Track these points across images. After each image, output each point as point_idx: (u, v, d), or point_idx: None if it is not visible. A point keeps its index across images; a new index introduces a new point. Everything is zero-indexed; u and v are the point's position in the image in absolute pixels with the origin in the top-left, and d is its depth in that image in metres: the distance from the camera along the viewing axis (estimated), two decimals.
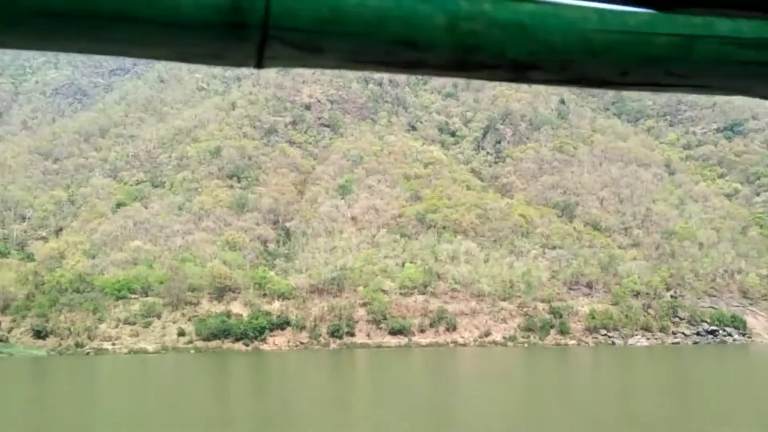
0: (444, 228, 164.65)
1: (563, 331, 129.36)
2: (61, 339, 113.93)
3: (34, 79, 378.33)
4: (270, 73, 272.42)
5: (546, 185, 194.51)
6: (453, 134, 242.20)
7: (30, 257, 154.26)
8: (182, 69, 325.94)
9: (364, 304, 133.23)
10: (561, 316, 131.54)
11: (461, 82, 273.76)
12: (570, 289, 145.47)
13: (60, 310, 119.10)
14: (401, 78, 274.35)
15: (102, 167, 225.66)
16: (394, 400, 55.20)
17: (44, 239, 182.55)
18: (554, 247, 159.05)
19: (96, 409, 49.94)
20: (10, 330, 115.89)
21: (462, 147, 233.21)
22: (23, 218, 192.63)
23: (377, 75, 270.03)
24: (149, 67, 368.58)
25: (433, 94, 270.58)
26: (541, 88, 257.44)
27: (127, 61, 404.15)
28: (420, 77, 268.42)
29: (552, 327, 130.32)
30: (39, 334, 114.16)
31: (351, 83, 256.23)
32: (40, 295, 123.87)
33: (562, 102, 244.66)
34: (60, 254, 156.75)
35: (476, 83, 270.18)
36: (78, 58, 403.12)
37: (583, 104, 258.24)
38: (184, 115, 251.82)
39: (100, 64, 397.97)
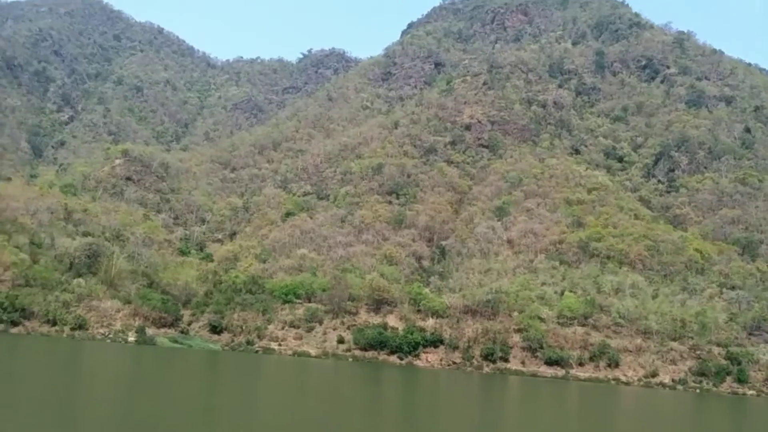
0: (608, 258, 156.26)
1: (741, 380, 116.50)
2: (234, 335, 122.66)
3: (218, 94, 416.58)
4: (432, 94, 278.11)
5: (725, 219, 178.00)
6: (620, 159, 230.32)
7: (209, 257, 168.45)
8: (349, 89, 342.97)
9: (519, 330, 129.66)
10: (739, 363, 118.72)
11: (632, 105, 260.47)
12: (750, 334, 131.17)
13: (234, 309, 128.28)
14: (566, 100, 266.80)
15: (273, 178, 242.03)
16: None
17: (220, 242, 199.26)
18: (733, 287, 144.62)
19: (257, 401, 52.82)
20: (189, 323, 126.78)
21: (630, 173, 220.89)
22: (203, 221, 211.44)
23: (541, 97, 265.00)
24: (319, 86, 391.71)
25: (600, 117, 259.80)
26: (722, 114, 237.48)
27: (299, 80, 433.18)
28: (587, 100, 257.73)
29: (728, 373, 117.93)
30: (215, 330, 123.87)
31: (513, 105, 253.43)
32: (217, 293, 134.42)
33: (748, 130, 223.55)
34: (235, 256, 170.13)
35: (649, 107, 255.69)
36: (256, 77, 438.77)
37: None
38: (349, 132, 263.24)
39: (275, 82, 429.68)
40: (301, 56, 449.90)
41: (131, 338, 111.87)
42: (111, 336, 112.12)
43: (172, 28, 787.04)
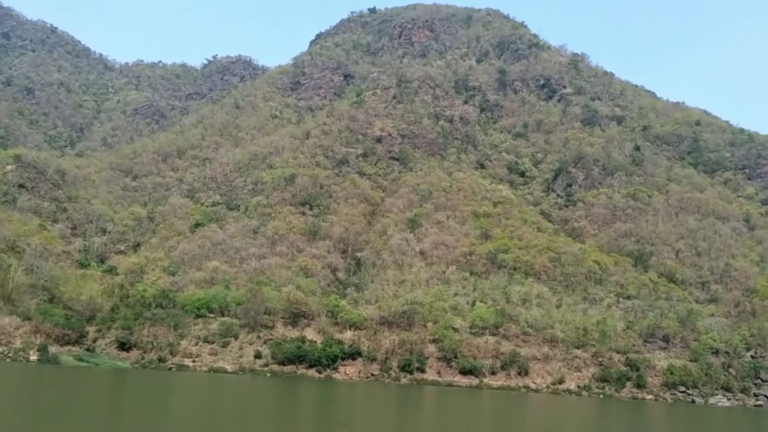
0: (515, 269, 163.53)
1: (640, 385, 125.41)
2: (144, 352, 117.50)
3: (116, 98, 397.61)
4: (343, 105, 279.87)
5: (619, 232, 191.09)
6: (522, 174, 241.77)
7: (112, 270, 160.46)
8: (257, 97, 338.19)
9: (434, 341, 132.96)
10: (638, 369, 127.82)
11: (532, 122, 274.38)
12: (646, 341, 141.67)
13: (143, 324, 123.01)
14: (472, 116, 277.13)
15: (179, 187, 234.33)
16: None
17: (123, 253, 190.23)
18: (629, 297, 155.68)
19: (167, 419, 51.58)
20: (95, 340, 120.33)
21: (531, 188, 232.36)
22: (104, 231, 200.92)
23: (448, 112, 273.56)
24: (225, 93, 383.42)
25: (503, 133, 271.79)
26: (614, 133, 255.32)
27: (204, 87, 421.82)
28: (491, 117, 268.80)
29: (628, 379, 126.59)
30: (123, 346, 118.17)
31: (422, 119, 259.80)
32: (125, 308, 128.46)
33: (637, 149, 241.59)
34: (141, 269, 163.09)
35: (548, 124, 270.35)
36: (158, 81, 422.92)
37: (658, 152, 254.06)
38: (259, 141, 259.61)
39: (178, 87, 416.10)
40: (206, 62, 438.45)
41: (33, 357, 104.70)
42: (11, 355, 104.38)
43: (66, 27, 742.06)
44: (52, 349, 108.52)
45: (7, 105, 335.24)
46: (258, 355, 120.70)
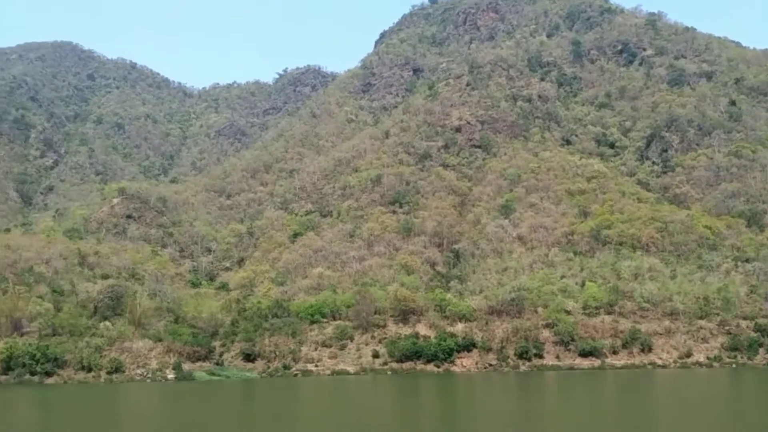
0: (621, 244, 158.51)
1: None
2: (269, 361, 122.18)
3: (199, 123, 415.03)
4: (417, 100, 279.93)
5: (726, 193, 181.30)
6: (612, 145, 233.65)
7: (224, 287, 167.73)
8: (331, 103, 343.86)
9: (548, 325, 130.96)
10: None
11: (614, 90, 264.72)
12: None
13: (263, 335, 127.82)
14: (550, 92, 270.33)
15: (271, 200, 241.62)
16: (587, 420, 54.08)
17: (229, 269, 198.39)
18: (747, 260, 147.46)
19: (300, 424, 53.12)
20: (221, 354, 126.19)
21: (624, 158, 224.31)
22: (209, 251, 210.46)
23: (525, 91, 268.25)
24: (300, 104, 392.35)
25: (585, 106, 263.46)
26: (705, 90, 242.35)
27: (278, 100, 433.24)
28: (570, 91, 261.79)
29: (760, 345, 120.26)
30: (248, 357, 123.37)
31: (499, 102, 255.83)
32: (243, 321, 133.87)
33: (733, 103, 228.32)
34: (250, 282, 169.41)
35: (632, 90, 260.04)
36: (235, 101, 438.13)
37: (755, 104, 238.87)
38: (341, 147, 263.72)
39: (254, 105, 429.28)
40: (278, 76, 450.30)
41: (170, 375, 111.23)
42: (150, 376, 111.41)
43: (144, 61, 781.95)
44: (185, 366, 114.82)
45: (101, 142, 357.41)
46: (376, 355, 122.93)
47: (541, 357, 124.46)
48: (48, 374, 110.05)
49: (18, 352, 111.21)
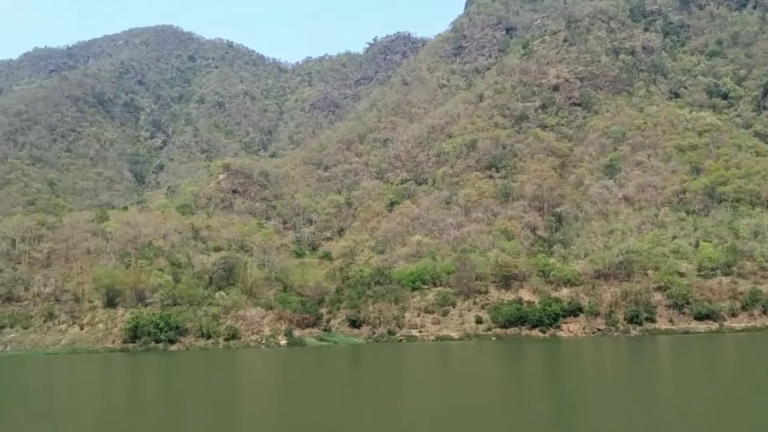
0: (738, 201, 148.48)
1: None
2: (373, 327, 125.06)
3: (294, 97, 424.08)
4: (512, 60, 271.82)
5: None
6: (725, 96, 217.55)
7: (327, 256, 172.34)
8: (422, 70, 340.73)
9: (659, 288, 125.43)
10: None
11: (726, 37, 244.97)
12: None
13: (366, 302, 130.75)
14: (655, 43, 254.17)
15: (367, 171, 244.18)
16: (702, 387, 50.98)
17: (330, 239, 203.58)
18: None
19: (413, 386, 53.19)
20: (328, 321, 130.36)
21: (739, 109, 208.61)
22: (310, 222, 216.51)
23: (628, 44, 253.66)
24: (391, 73, 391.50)
25: (695, 55, 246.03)
26: None
27: (369, 70, 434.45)
28: (677, 40, 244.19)
29: None
30: (354, 324, 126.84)
31: (600, 57, 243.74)
32: (347, 288, 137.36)
33: None
34: (351, 251, 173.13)
35: (746, 36, 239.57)
36: (327, 74, 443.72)
37: None
38: (434, 113, 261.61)
39: (346, 76, 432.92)
40: (368, 46, 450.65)
41: (282, 342, 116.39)
42: (263, 342, 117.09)
43: (240, 40, 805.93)
44: (296, 332, 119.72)
45: (204, 121, 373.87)
46: (479, 321, 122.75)
47: (653, 321, 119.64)
48: (171, 341, 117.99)
49: (143, 321, 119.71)
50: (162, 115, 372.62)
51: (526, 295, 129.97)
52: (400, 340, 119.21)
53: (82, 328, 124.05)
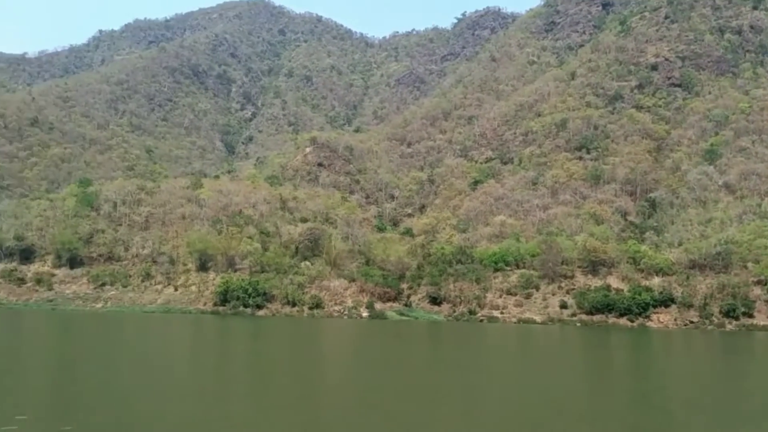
0: None
1: None
2: (454, 306, 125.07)
3: (379, 72, 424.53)
4: (608, 37, 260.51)
5: None
6: None
7: (408, 232, 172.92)
8: (512, 46, 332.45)
9: (759, 282, 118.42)
10: None
11: None
12: None
13: (447, 280, 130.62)
14: (765, 22, 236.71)
15: (451, 148, 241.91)
16: None
17: (411, 216, 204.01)
18: None
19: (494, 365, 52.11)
20: (408, 296, 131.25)
21: None
22: (392, 197, 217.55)
23: (735, 22, 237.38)
24: (479, 49, 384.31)
25: None
26: None
27: (456, 46, 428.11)
28: None
29: None
30: (434, 301, 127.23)
31: (703, 36, 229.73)
32: (428, 265, 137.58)
33: None
34: (432, 229, 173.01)
35: None
36: (414, 49, 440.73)
37: None
38: (522, 90, 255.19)
39: (433, 51, 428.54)
40: (455, 21, 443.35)
41: (364, 314, 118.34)
42: (346, 313, 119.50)
43: (329, 14, 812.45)
44: (377, 305, 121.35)
45: (292, 94, 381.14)
46: (564, 305, 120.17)
47: (750, 316, 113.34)
48: (258, 307, 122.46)
49: (233, 286, 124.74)
50: (252, 87, 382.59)
51: (614, 282, 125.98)
52: (481, 320, 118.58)
53: (176, 289, 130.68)
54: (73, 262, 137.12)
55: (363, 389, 37.75)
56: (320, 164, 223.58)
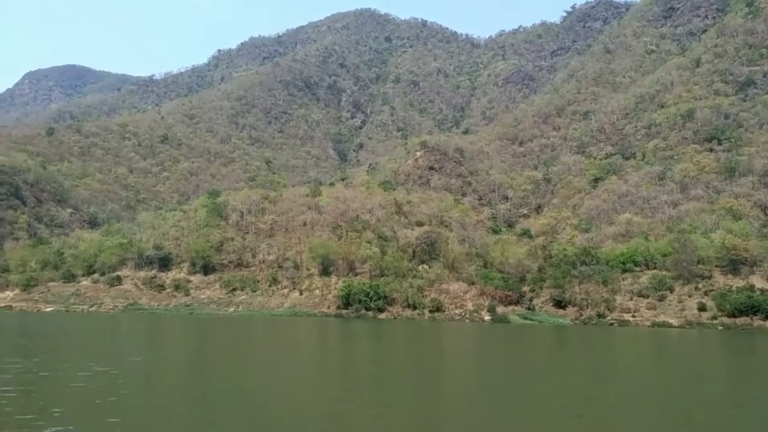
0: None
1: None
2: (580, 309, 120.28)
3: (486, 72, 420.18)
4: (735, 20, 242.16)
5: None
6: None
7: (526, 233, 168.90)
8: (627, 36, 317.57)
9: None
10: None
11: None
12: None
13: (572, 282, 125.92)
14: None
15: (566, 145, 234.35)
16: None
17: (526, 216, 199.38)
18: None
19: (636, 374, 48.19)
20: (531, 299, 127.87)
21: None
22: (506, 198, 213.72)
23: None
24: (590, 41, 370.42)
25: None
26: None
27: (566, 40, 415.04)
28: None
29: None
30: (559, 304, 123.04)
31: None
32: (550, 267, 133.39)
33: None
34: (552, 229, 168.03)
35: None
36: (521, 46, 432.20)
37: None
38: (641, 82, 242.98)
39: (542, 47, 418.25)
40: (565, 14, 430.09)
41: (486, 317, 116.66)
42: (468, 316, 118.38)
43: (434, 18, 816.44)
44: (499, 309, 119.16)
45: (400, 100, 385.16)
46: (702, 308, 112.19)
47: None
48: (380, 310, 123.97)
49: (354, 289, 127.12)
50: (361, 95, 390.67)
51: (758, 281, 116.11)
52: (611, 324, 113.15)
53: (301, 293, 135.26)
54: (207, 269, 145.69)
55: (491, 393, 36.80)
56: (431, 168, 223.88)
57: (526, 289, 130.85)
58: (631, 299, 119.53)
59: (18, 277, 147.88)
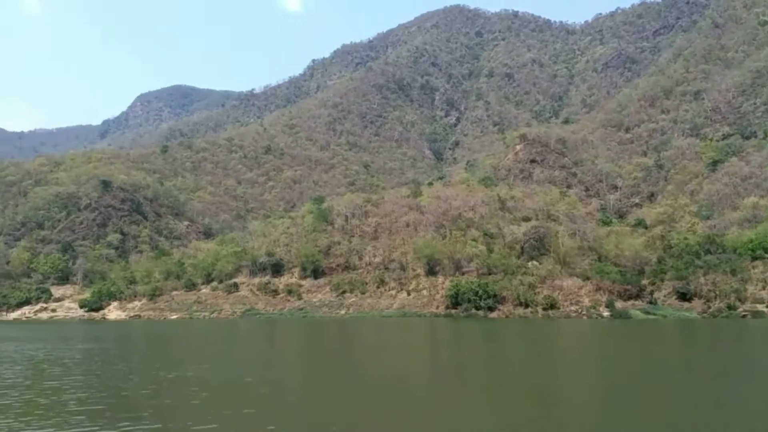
0: None
1: None
2: (708, 301, 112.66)
3: (584, 59, 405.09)
4: None
5: None
6: None
7: (641, 223, 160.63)
8: (737, 8, 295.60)
9: None
10: None
11: None
12: None
13: (696, 273, 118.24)
14: None
15: (677, 128, 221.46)
16: None
17: (638, 205, 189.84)
18: None
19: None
20: (651, 293, 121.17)
21: None
22: (615, 188, 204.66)
23: None
24: (696, 17, 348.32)
25: None
26: None
27: (669, 18, 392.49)
28: None
29: None
30: (683, 297, 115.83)
31: None
32: (671, 258, 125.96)
33: None
34: (669, 218, 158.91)
35: None
36: (620, 29, 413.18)
37: None
38: (758, 55, 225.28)
39: (643, 28, 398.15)
40: None
41: (605, 313, 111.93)
42: (585, 313, 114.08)
43: (525, 7, 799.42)
44: (618, 304, 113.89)
45: (494, 94, 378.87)
46: None
47: None
48: (490, 309, 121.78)
49: (463, 289, 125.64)
50: (454, 93, 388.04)
51: None
52: (744, 316, 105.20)
53: (408, 294, 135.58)
54: (317, 273, 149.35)
55: (643, 399, 34.46)
56: (533, 161, 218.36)
57: (645, 282, 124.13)
58: (764, 288, 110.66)
59: (144, 288, 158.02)
